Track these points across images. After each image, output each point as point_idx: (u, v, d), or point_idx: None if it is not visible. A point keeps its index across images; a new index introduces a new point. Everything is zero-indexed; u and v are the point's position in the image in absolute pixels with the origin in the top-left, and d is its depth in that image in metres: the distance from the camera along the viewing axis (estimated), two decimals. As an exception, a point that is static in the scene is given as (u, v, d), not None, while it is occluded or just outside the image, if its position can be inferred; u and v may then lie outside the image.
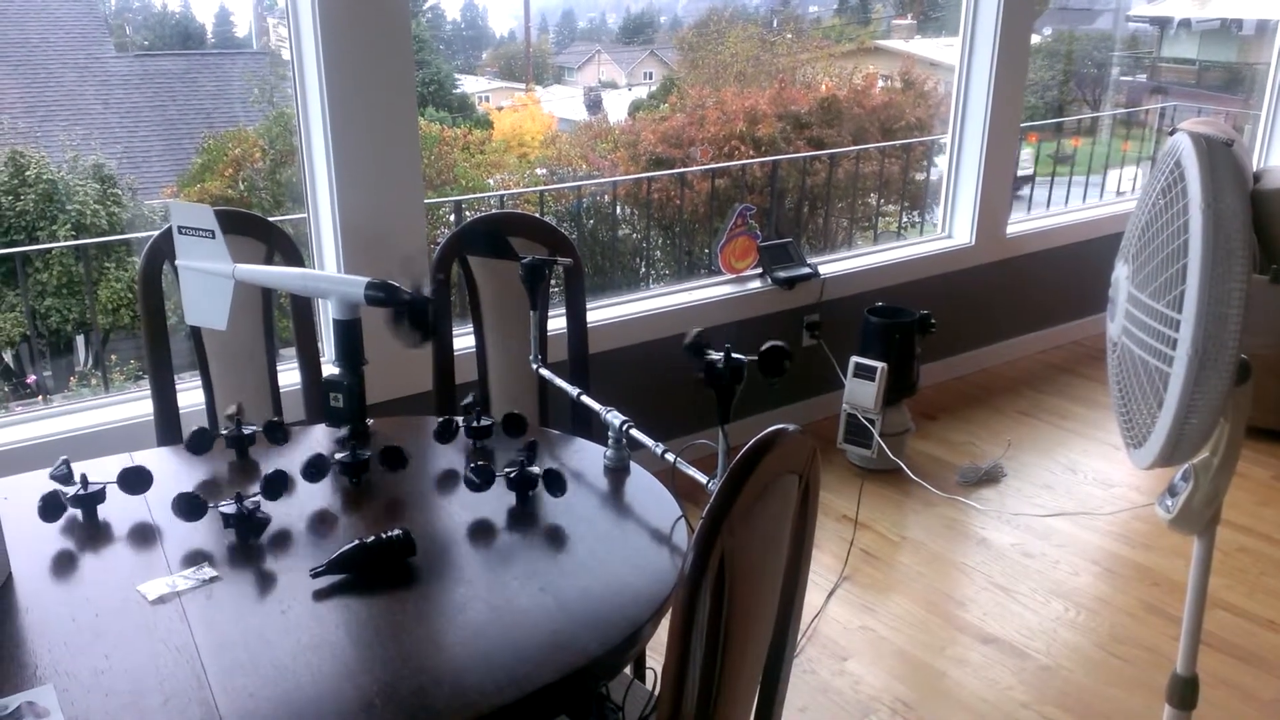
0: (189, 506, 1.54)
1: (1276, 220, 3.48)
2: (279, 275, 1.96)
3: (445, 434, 1.83)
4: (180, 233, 1.86)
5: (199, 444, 1.77)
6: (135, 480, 1.61)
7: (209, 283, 1.85)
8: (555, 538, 1.55)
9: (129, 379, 7.79)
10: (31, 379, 8.22)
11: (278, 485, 1.59)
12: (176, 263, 1.90)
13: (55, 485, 1.59)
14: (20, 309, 6.32)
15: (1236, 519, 3.14)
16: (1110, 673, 2.47)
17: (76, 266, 8.07)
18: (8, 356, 8.25)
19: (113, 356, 8.58)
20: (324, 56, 2.51)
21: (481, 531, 1.56)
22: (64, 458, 1.64)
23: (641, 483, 1.72)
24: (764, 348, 1.51)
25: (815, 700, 2.36)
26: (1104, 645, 2.57)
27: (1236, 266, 1.32)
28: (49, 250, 8.24)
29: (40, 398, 6.95)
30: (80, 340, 8.76)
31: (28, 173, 8.53)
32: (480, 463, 1.64)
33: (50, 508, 1.55)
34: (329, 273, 2.67)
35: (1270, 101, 4.96)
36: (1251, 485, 3.36)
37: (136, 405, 2.54)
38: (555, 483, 1.63)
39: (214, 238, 1.83)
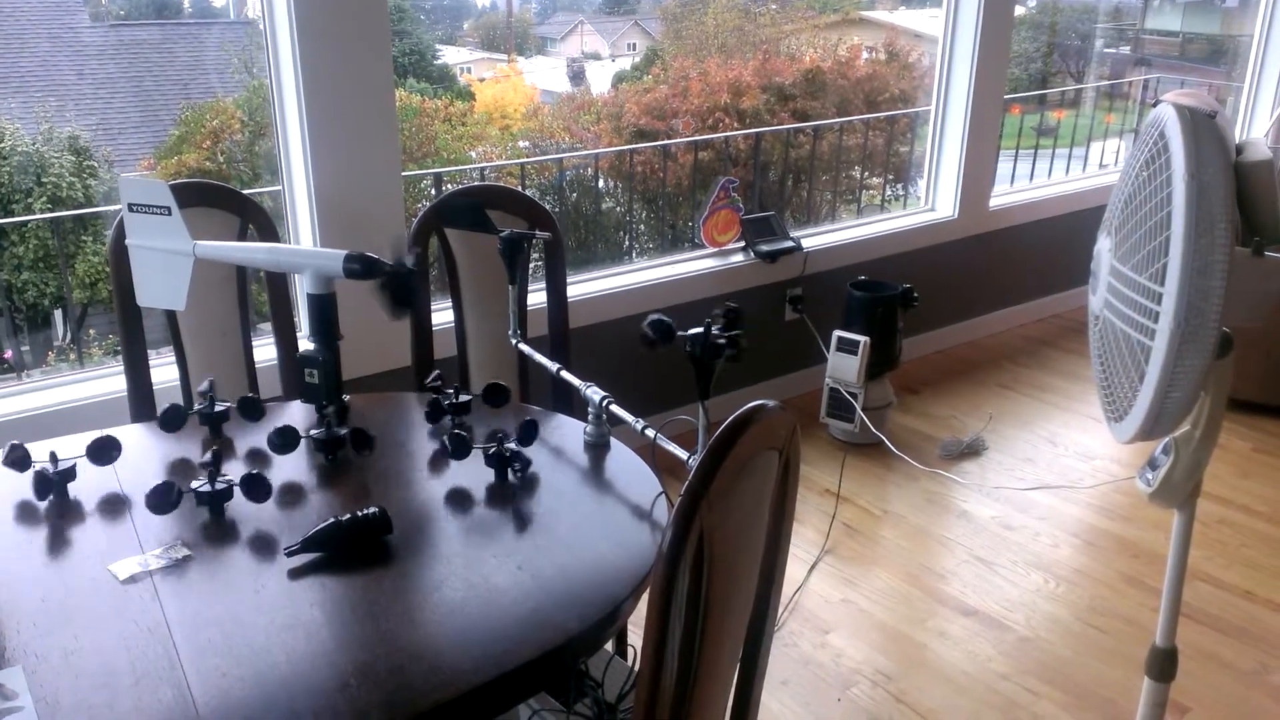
0: (161, 499, 1.49)
1: (1259, 192, 3.47)
2: (245, 251, 1.90)
3: (435, 415, 1.81)
4: (131, 210, 1.75)
5: (171, 421, 1.74)
6: (103, 452, 1.59)
7: (165, 261, 1.76)
8: (534, 514, 1.54)
9: (107, 354, 7.72)
10: (8, 354, 8.14)
11: (259, 489, 1.53)
12: (127, 242, 1.78)
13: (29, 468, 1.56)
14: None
15: (1217, 491, 3.16)
16: (1089, 644, 2.48)
17: (52, 240, 7.97)
18: (-16, 331, 8.17)
19: (91, 331, 8.50)
20: (297, 24, 2.46)
21: (459, 508, 1.54)
22: (12, 442, 1.60)
23: (621, 459, 1.71)
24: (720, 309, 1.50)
25: (797, 673, 2.36)
26: (1083, 617, 2.58)
27: (1219, 239, 1.30)
28: (24, 223, 8.14)
29: (17, 374, 6.88)
30: (58, 315, 8.67)
31: (1, 144, 8.41)
32: (457, 431, 1.63)
33: (41, 486, 1.53)
34: (300, 246, 2.63)
35: (1253, 74, 4.95)
36: (1232, 457, 3.38)
37: (111, 381, 2.51)
38: (528, 431, 1.66)
39: (170, 214, 1.73)
